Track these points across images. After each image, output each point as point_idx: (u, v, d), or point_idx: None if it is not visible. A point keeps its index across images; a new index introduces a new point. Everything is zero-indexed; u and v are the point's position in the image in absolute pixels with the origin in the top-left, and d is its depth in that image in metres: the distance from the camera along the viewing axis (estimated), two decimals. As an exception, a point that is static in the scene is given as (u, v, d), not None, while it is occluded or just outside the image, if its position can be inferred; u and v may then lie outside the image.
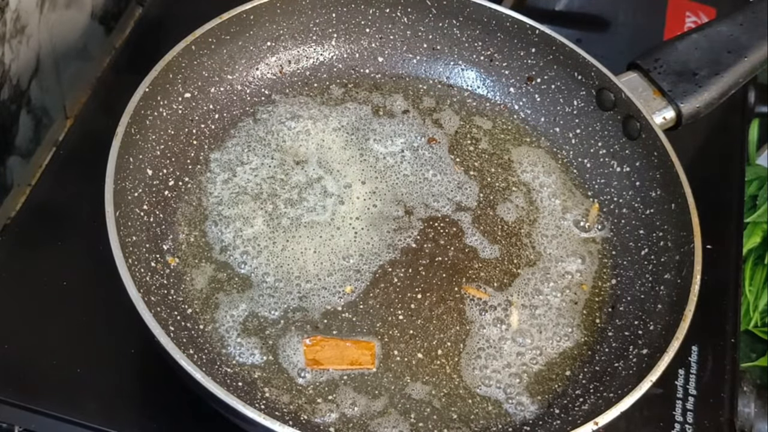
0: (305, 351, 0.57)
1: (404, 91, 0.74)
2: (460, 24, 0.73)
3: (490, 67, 0.74)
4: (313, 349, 0.57)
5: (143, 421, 0.57)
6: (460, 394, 0.58)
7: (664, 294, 0.60)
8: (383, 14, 0.73)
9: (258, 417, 0.48)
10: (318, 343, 0.57)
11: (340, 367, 0.56)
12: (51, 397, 0.56)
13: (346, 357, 0.57)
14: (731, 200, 0.74)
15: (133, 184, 0.59)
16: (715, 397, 0.62)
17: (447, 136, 0.71)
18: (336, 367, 0.56)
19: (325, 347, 0.57)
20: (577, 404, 0.57)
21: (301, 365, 0.57)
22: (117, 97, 0.61)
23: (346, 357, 0.57)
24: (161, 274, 0.58)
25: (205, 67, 0.67)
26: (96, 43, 0.79)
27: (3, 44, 0.63)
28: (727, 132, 0.79)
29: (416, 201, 0.67)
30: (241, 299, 0.60)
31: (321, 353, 0.57)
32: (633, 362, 0.57)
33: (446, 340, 0.60)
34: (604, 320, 0.62)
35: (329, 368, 0.56)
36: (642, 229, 0.65)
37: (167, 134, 0.64)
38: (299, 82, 0.72)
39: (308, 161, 0.68)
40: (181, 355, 0.49)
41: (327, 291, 0.61)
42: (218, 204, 0.64)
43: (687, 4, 0.91)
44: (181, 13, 0.77)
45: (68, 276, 0.62)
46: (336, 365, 0.56)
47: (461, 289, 0.63)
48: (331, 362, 0.56)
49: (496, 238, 0.66)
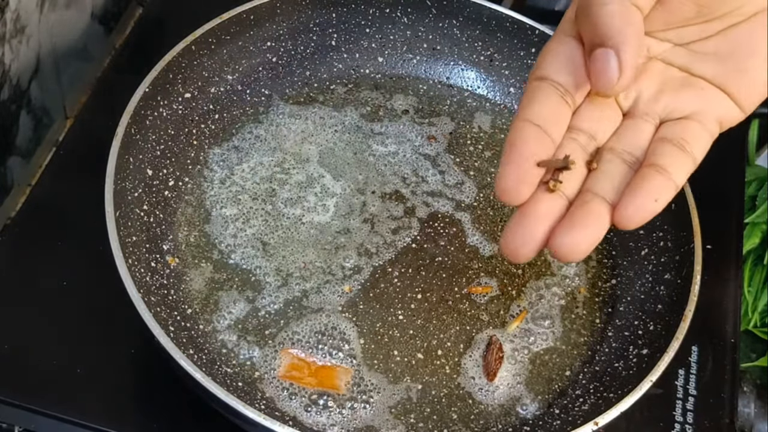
0: (282, 367, 0.56)
1: (404, 91, 0.74)
2: (460, 24, 0.73)
3: (490, 67, 0.74)
4: (285, 369, 0.56)
5: (143, 421, 0.57)
6: (460, 394, 0.58)
7: (664, 294, 0.60)
8: (383, 14, 0.73)
9: (258, 417, 0.48)
10: (295, 366, 0.56)
11: (312, 386, 0.56)
12: (51, 397, 0.56)
13: (319, 379, 0.56)
14: (731, 200, 0.74)
15: (133, 184, 0.59)
16: (715, 397, 0.62)
17: (447, 136, 0.71)
18: (307, 386, 0.56)
19: (298, 366, 0.57)
20: (577, 404, 0.57)
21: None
22: (117, 97, 0.61)
23: (319, 379, 0.56)
24: (161, 274, 0.58)
25: (205, 67, 0.67)
26: (96, 43, 0.79)
27: (3, 44, 0.63)
28: (727, 132, 0.79)
29: (416, 201, 0.67)
30: (240, 299, 0.60)
31: (293, 371, 0.56)
32: (633, 362, 0.57)
33: (446, 340, 0.60)
34: (604, 320, 0.62)
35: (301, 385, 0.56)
36: (642, 229, 0.65)
37: (167, 134, 0.64)
38: (299, 82, 0.72)
39: (308, 161, 0.68)
40: (181, 355, 0.49)
41: (327, 291, 0.61)
42: (218, 204, 0.64)
43: (687, 4, 0.90)
44: (181, 13, 0.77)
45: (68, 276, 0.62)
46: (308, 385, 0.56)
47: (461, 288, 0.63)
48: (304, 382, 0.56)
49: (496, 237, 0.66)
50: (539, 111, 0.43)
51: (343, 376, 0.57)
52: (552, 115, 0.43)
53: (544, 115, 0.43)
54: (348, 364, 0.58)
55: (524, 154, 0.42)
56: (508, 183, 0.42)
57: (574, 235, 0.41)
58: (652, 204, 0.41)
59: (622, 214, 0.41)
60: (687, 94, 0.45)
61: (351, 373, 0.57)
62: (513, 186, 0.42)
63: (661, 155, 0.43)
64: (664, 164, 0.42)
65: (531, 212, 0.42)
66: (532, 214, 0.42)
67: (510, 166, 0.42)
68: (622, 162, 0.44)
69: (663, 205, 0.42)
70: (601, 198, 0.42)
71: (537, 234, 0.42)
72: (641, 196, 0.41)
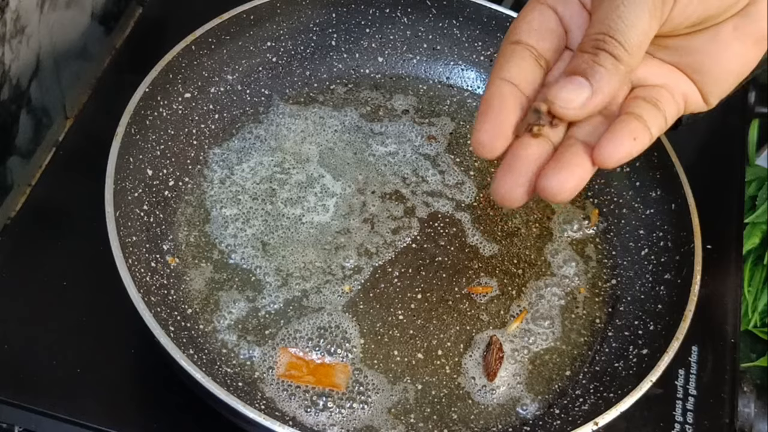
0: (281, 366, 0.57)
1: (404, 91, 0.74)
2: (460, 24, 0.73)
3: (490, 67, 0.74)
4: (283, 367, 0.56)
5: (143, 421, 0.57)
6: (460, 394, 0.58)
7: (664, 294, 0.60)
8: (383, 14, 0.73)
9: (258, 417, 0.48)
10: (294, 365, 0.56)
11: (311, 384, 0.56)
12: (51, 397, 0.56)
13: (318, 377, 0.56)
14: (731, 200, 0.74)
15: (133, 184, 0.59)
16: (715, 398, 0.62)
17: (447, 136, 0.71)
18: (307, 384, 0.56)
19: (296, 364, 0.56)
20: (577, 404, 0.57)
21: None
22: (117, 97, 0.61)
23: (318, 377, 0.56)
24: (161, 274, 0.58)
25: (205, 67, 0.67)
26: (96, 43, 0.79)
27: (3, 44, 0.63)
28: (727, 132, 0.79)
29: (416, 201, 0.67)
30: (240, 299, 0.60)
31: (292, 370, 0.56)
32: (633, 362, 0.57)
33: (446, 340, 0.60)
34: (604, 320, 0.62)
35: (300, 384, 0.56)
36: (642, 229, 0.65)
37: (167, 134, 0.64)
38: (299, 82, 0.72)
39: (308, 161, 0.68)
40: (181, 355, 0.49)
41: (327, 290, 0.61)
42: (218, 204, 0.64)
43: (687, 4, 0.90)
44: (181, 13, 0.77)
45: (68, 276, 0.62)
46: (307, 383, 0.56)
47: (461, 288, 0.63)
48: (302, 380, 0.56)
49: (496, 237, 0.66)
50: (515, 71, 0.44)
51: (342, 374, 0.57)
52: (526, 75, 0.45)
53: (518, 75, 0.44)
54: (348, 364, 0.58)
55: (500, 109, 0.43)
56: (483, 137, 0.43)
57: (560, 175, 0.42)
58: (630, 142, 0.42)
59: (602, 152, 0.42)
60: (659, 69, 0.47)
61: (350, 370, 0.57)
62: (488, 140, 0.43)
63: (637, 107, 0.44)
64: (641, 113, 0.44)
65: (519, 156, 0.43)
66: (520, 158, 0.43)
67: (486, 122, 0.43)
68: (600, 115, 0.45)
69: (640, 148, 0.43)
70: (584, 142, 0.43)
71: (525, 177, 0.43)
72: (620, 135, 0.43)
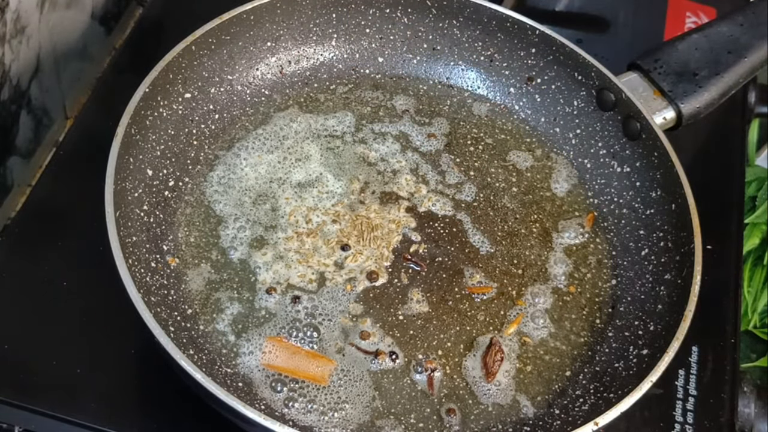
0: (263, 353, 0.57)
1: (404, 91, 0.74)
2: (460, 24, 0.73)
3: (490, 67, 0.74)
4: (269, 355, 0.56)
5: (143, 421, 0.57)
6: (460, 394, 0.58)
7: (665, 294, 0.60)
8: (383, 14, 0.73)
9: (258, 417, 0.48)
10: (275, 348, 0.56)
11: (292, 374, 0.56)
12: (51, 397, 0.56)
13: (300, 367, 0.56)
14: (731, 201, 0.74)
15: (133, 184, 0.59)
16: (715, 398, 0.62)
17: (447, 137, 0.71)
18: (288, 373, 0.56)
19: (281, 352, 0.56)
20: (577, 404, 0.57)
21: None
22: (117, 97, 0.61)
23: (300, 367, 0.56)
24: (161, 275, 0.58)
25: (205, 67, 0.67)
26: (96, 43, 0.79)
27: (3, 44, 0.63)
28: (727, 132, 0.79)
29: (416, 200, 0.67)
30: (240, 299, 0.60)
31: (276, 358, 0.56)
32: (633, 362, 0.57)
33: (446, 340, 0.60)
34: (604, 320, 0.62)
35: (282, 373, 0.56)
36: (642, 230, 0.65)
37: (167, 134, 0.64)
38: (299, 83, 0.72)
39: (308, 160, 0.68)
40: (181, 355, 0.49)
41: (327, 290, 0.61)
42: (218, 204, 0.64)
43: (687, 4, 0.91)
44: (181, 13, 0.77)
45: (68, 276, 0.62)
46: (288, 372, 0.56)
47: (461, 289, 0.63)
48: (284, 368, 0.56)
49: (496, 238, 0.66)
50: None
51: (326, 367, 0.57)
52: None
53: None
54: (335, 360, 0.58)
55: None
56: None
57: None
58: None
59: None
60: None
61: (334, 366, 0.57)
62: None
63: None
64: None
65: None
66: None
67: None
68: None
69: None
70: None
71: None
72: None
